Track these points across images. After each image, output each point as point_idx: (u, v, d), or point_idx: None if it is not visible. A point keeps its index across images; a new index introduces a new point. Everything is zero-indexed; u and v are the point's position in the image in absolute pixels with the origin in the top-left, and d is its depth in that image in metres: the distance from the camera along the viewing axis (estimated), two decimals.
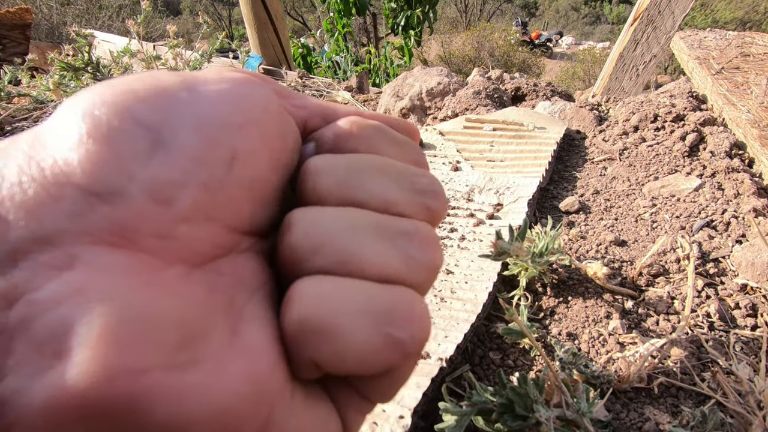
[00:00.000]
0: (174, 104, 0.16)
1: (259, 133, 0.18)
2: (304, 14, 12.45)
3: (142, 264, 0.15)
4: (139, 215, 0.15)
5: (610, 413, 0.42)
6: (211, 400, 0.14)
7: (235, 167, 0.17)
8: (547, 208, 0.75)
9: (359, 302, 0.17)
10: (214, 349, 0.15)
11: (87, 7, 6.41)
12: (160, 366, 0.13)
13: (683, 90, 1.02)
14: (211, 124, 0.17)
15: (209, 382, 0.14)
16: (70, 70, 0.98)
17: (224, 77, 0.18)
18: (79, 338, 0.13)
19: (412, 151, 0.22)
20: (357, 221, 0.18)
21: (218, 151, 0.16)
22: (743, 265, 0.56)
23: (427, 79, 1.22)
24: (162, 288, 0.15)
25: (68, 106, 0.16)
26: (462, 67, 8.99)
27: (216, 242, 0.17)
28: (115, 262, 0.14)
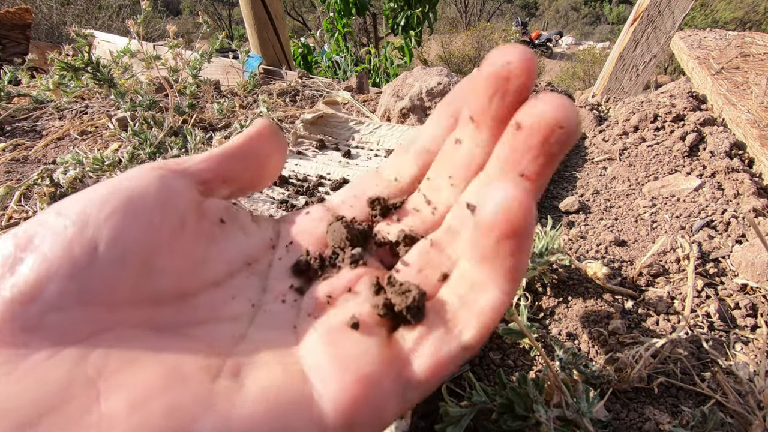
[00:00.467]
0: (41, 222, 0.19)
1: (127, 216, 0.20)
2: (304, 14, 12.45)
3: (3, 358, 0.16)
4: (3, 318, 0.17)
5: (610, 413, 0.42)
6: None
7: (101, 253, 0.19)
8: (546, 208, 0.75)
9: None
10: (61, 424, 0.15)
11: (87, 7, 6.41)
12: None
13: (683, 90, 1.02)
14: (70, 226, 0.19)
15: None
16: (70, 70, 0.98)
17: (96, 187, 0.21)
18: None
19: None
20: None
21: (77, 247, 0.19)
22: (743, 265, 0.56)
23: (427, 79, 1.22)
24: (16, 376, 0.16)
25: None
26: (462, 67, 8.99)
27: (93, 320, 0.18)
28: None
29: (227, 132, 0.96)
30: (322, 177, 0.84)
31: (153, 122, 1.01)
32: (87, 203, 0.20)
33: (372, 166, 0.85)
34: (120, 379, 0.17)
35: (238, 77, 1.53)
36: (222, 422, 0.16)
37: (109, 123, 1.11)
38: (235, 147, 0.26)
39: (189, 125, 1.05)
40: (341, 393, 0.19)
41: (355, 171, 0.85)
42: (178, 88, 1.19)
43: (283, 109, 1.28)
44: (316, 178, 0.84)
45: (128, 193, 0.21)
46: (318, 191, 0.81)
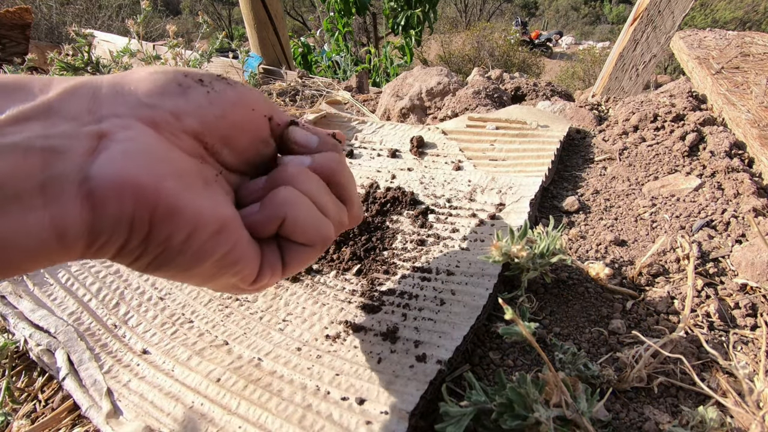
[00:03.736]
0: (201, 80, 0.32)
1: (243, 115, 0.33)
2: (304, 14, 12.42)
3: (163, 138, 0.28)
4: (164, 119, 0.28)
5: (610, 413, 0.42)
6: (192, 202, 0.27)
7: (222, 123, 0.31)
8: (546, 207, 0.75)
9: (312, 208, 0.34)
10: (196, 185, 0.28)
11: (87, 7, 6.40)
12: (169, 178, 0.26)
13: (683, 90, 1.02)
14: (215, 98, 0.31)
15: (193, 196, 0.27)
16: (70, 70, 0.98)
17: (236, 83, 0.34)
18: (134, 156, 0.26)
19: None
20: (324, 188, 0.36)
21: (214, 109, 0.31)
22: (743, 264, 0.56)
23: (426, 78, 1.21)
24: (173, 151, 0.28)
25: (143, 69, 0.31)
26: (462, 67, 8.97)
27: (202, 152, 0.31)
28: (150, 133, 0.27)
29: None
30: None
31: None
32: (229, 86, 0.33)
33: (374, 166, 0.85)
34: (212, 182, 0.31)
35: (238, 77, 1.53)
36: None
37: None
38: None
39: None
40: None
41: (358, 171, 0.85)
42: None
43: (283, 108, 1.28)
44: None
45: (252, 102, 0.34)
46: None
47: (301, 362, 0.47)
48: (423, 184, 0.77)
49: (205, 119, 0.30)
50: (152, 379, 0.49)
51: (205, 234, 0.28)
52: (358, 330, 0.50)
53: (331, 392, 0.43)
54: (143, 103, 0.28)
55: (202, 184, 0.29)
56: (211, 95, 0.31)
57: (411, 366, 0.44)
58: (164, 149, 0.27)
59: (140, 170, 0.25)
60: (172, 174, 0.26)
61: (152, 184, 0.25)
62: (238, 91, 0.32)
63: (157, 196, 0.25)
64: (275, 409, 0.43)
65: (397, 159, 0.87)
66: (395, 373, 0.43)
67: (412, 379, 0.42)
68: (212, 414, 0.44)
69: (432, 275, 0.57)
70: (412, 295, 0.54)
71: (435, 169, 0.82)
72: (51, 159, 0.23)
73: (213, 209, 0.28)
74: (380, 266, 0.60)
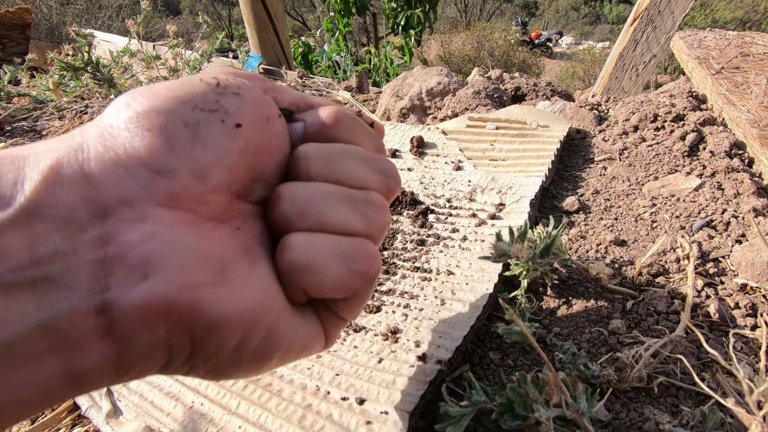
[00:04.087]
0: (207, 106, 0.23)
1: (264, 132, 0.25)
2: (304, 14, 12.43)
3: (186, 219, 0.21)
4: (185, 186, 0.21)
5: (610, 413, 0.42)
6: (239, 304, 0.21)
7: (246, 155, 0.24)
8: (546, 207, 0.75)
9: (331, 249, 0.24)
10: (240, 274, 0.22)
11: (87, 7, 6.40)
12: (206, 283, 0.21)
13: (683, 90, 1.02)
14: (232, 123, 0.23)
15: (238, 293, 0.22)
16: (70, 70, 0.98)
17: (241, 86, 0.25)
18: (155, 266, 0.19)
19: (377, 141, 0.31)
20: (331, 194, 0.25)
21: (237, 143, 0.23)
22: (743, 264, 0.56)
23: (426, 78, 1.21)
24: (203, 235, 0.22)
25: (126, 106, 0.22)
26: (462, 67, 8.98)
27: (233, 207, 0.24)
28: (171, 217, 0.21)
29: None
30: None
31: None
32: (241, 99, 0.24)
33: None
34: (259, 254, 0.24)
35: None
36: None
37: None
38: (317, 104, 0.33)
39: None
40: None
41: None
42: None
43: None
44: None
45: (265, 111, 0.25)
46: None
47: (301, 362, 0.47)
48: (423, 184, 0.77)
49: (230, 163, 0.23)
50: (152, 378, 0.49)
51: (262, 331, 0.22)
52: (358, 330, 0.50)
53: (331, 392, 0.43)
54: (154, 171, 0.20)
55: (246, 263, 0.23)
56: (227, 125, 0.23)
57: (411, 366, 0.44)
58: (194, 238, 0.21)
59: (169, 283, 0.19)
60: (208, 271, 0.21)
61: (186, 299, 0.20)
62: (249, 99, 0.24)
63: (194, 312, 0.20)
64: (275, 409, 0.43)
65: (397, 159, 0.87)
66: (395, 373, 0.43)
67: (412, 379, 0.42)
68: (212, 414, 0.44)
69: (432, 275, 0.57)
70: (413, 295, 0.54)
71: (435, 169, 0.82)
72: (47, 291, 0.18)
73: (266, 297, 0.23)
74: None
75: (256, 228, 0.25)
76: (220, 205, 0.23)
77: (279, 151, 0.26)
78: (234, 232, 0.23)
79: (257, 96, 0.25)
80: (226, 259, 0.22)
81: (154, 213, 0.20)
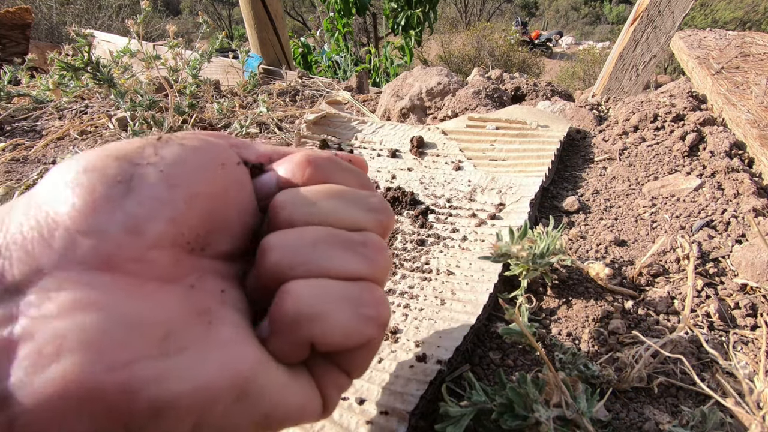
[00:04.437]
0: (144, 160, 0.21)
1: (215, 179, 0.23)
2: (304, 14, 12.44)
3: (122, 282, 0.18)
4: (117, 245, 0.19)
5: (610, 413, 0.42)
6: (190, 380, 0.18)
7: (194, 205, 0.21)
8: (546, 207, 0.75)
9: (337, 294, 0.22)
10: (192, 341, 0.19)
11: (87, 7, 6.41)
12: (143, 357, 0.17)
13: (683, 90, 1.02)
14: (173, 172, 0.21)
15: (188, 366, 0.18)
16: (70, 70, 0.98)
17: (187, 137, 0.23)
18: (74, 342, 0.16)
19: (360, 177, 0.28)
20: (324, 237, 0.23)
21: (179, 192, 0.21)
22: (743, 264, 0.56)
23: (426, 78, 1.21)
24: (142, 298, 0.18)
25: (57, 172, 0.20)
26: (462, 67, 8.98)
27: (184, 263, 0.21)
28: (100, 282, 0.18)
29: (227, 132, 0.96)
30: None
31: (153, 122, 1.01)
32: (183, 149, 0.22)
33: (374, 166, 0.85)
34: (220, 315, 0.21)
35: (237, 77, 1.53)
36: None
37: (109, 123, 1.11)
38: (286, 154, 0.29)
39: (189, 125, 1.05)
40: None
41: None
42: (178, 88, 1.19)
43: (283, 109, 1.28)
44: None
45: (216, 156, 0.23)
46: None
47: None
48: (423, 184, 0.77)
49: (173, 214, 0.20)
50: None
51: (221, 408, 0.19)
52: None
53: None
54: (78, 233, 0.18)
55: (200, 328, 0.19)
56: (166, 174, 0.21)
57: (411, 366, 0.44)
58: (130, 303, 0.18)
59: (92, 362, 0.16)
60: (147, 342, 0.17)
61: (116, 381, 0.16)
62: (193, 147, 0.22)
63: (128, 396, 0.16)
64: None
65: (397, 159, 0.87)
66: (395, 373, 0.43)
67: (412, 379, 0.42)
68: None
69: (432, 275, 0.57)
70: (413, 295, 0.54)
71: (435, 169, 0.82)
72: None
73: (223, 367, 0.19)
74: None
75: (216, 285, 0.22)
76: (165, 262, 0.20)
77: (239, 199, 0.24)
78: (186, 292, 0.20)
79: (204, 144, 0.23)
80: (172, 326, 0.18)
81: (79, 279, 0.17)
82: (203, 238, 0.22)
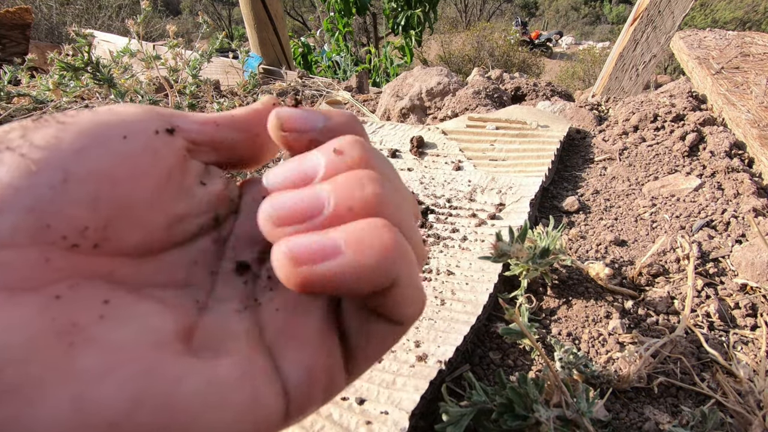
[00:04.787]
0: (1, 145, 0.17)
1: (109, 156, 0.18)
2: (304, 14, 12.45)
3: None
4: None
5: (610, 413, 0.42)
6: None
7: (71, 190, 0.17)
8: (546, 207, 0.75)
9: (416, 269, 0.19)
10: (36, 374, 0.14)
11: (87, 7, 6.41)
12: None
13: (683, 90, 1.02)
14: (38, 158, 0.17)
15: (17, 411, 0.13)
16: (70, 70, 0.98)
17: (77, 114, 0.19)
18: None
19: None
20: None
21: (43, 178, 0.17)
22: (743, 264, 0.56)
23: (427, 78, 1.21)
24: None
25: None
26: (462, 67, 8.98)
27: (56, 265, 0.16)
28: None
29: None
30: None
31: None
32: (62, 129, 0.18)
33: None
34: (91, 335, 0.15)
35: (237, 77, 1.53)
36: (203, 388, 0.16)
37: None
38: (238, 117, 0.23)
39: None
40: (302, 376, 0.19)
41: None
42: (178, 88, 1.19)
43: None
44: None
45: (117, 128, 0.19)
46: None
47: None
48: (423, 184, 0.77)
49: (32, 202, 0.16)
50: None
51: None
52: None
53: None
54: None
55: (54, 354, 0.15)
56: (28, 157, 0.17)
57: (411, 366, 0.44)
58: None
59: None
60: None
61: None
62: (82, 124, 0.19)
63: None
64: None
65: (397, 159, 0.87)
66: (395, 373, 0.43)
67: (412, 379, 0.42)
68: None
69: (432, 275, 0.57)
70: None
71: (435, 169, 0.82)
72: None
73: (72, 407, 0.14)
74: None
75: (98, 293, 0.17)
76: (22, 264, 0.16)
77: (155, 178, 0.19)
78: (46, 304, 0.16)
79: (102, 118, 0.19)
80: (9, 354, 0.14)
81: None
82: (95, 231, 0.17)
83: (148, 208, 0.19)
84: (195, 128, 0.22)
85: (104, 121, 0.19)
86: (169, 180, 0.20)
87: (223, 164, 0.24)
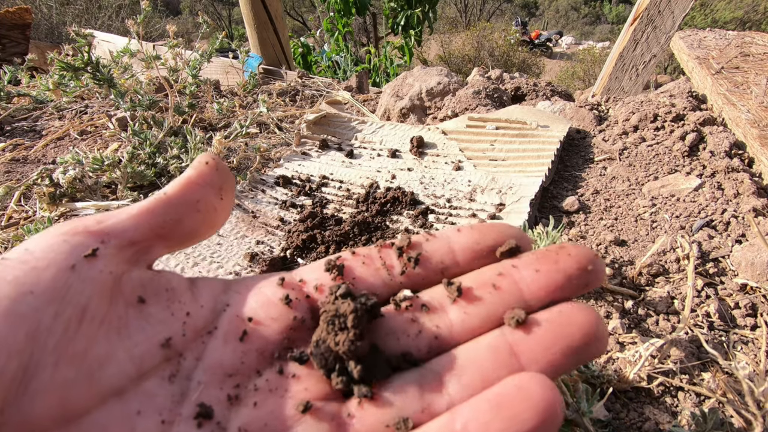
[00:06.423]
0: None
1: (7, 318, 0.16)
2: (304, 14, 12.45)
3: None
4: None
5: (610, 413, 0.42)
6: None
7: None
8: (547, 207, 0.75)
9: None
10: None
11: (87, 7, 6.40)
12: None
13: (683, 90, 1.02)
14: None
15: None
16: (70, 70, 0.98)
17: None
18: None
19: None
20: None
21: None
22: (743, 264, 0.56)
23: (426, 78, 1.21)
24: None
25: None
26: (462, 67, 8.98)
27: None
28: None
29: (227, 132, 0.96)
30: (325, 177, 0.84)
31: (153, 122, 1.01)
32: None
33: (374, 166, 0.85)
34: None
35: (237, 77, 1.53)
36: None
37: (109, 123, 1.11)
38: (172, 196, 0.22)
39: (189, 125, 1.05)
40: None
41: (358, 171, 0.85)
42: (177, 88, 1.19)
43: (283, 108, 1.28)
44: (319, 178, 0.84)
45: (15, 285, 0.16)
46: (321, 191, 0.81)
47: None
48: (423, 184, 0.77)
49: None
50: None
51: None
52: None
53: None
54: None
55: None
56: None
57: None
58: None
59: None
60: None
61: None
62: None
63: None
64: None
65: (397, 159, 0.87)
66: None
67: None
68: None
69: None
70: None
71: (435, 169, 0.82)
72: None
73: None
74: None
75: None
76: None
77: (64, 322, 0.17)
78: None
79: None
80: None
81: None
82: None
83: (54, 367, 0.15)
84: (129, 226, 0.20)
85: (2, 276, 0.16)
86: (82, 319, 0.17)
87: (176, 244, 0.22)
